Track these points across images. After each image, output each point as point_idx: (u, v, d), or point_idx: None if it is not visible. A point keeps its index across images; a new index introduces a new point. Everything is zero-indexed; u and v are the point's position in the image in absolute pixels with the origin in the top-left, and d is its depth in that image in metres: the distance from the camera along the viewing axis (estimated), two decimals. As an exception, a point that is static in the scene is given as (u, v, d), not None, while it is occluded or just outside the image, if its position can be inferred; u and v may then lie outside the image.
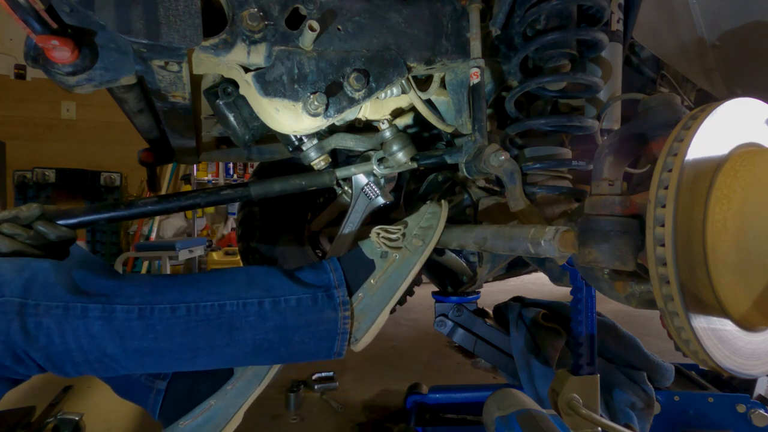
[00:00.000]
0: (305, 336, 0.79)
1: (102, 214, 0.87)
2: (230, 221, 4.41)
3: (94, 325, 0.68)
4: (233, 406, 0.88)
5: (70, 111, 3.88)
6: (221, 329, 0.75)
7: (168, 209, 0.93)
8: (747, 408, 1.09)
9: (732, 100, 0.53)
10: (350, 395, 1.54)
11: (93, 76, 0.72)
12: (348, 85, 0.80)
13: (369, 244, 0.89)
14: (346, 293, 0.82)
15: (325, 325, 0.80)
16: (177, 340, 0.73)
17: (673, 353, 1.63)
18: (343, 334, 0.81)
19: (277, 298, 0.78)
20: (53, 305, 0.67)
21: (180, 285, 0.76)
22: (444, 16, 0.85)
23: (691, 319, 0.48)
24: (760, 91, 1.07)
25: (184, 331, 0.73)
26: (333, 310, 0.80)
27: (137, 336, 0.70)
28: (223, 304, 0.75)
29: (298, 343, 0.79)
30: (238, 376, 0.90)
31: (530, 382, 1.11)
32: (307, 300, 0.79)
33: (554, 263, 0.90)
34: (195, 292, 0.76)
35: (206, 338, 0.74)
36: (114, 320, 0.69)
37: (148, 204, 0.91)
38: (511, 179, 0.82)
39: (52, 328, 0.66)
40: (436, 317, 1.23)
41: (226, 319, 0.75)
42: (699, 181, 0.51)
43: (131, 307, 0.71)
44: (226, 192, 0.96)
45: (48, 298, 0.67)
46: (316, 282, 0.83)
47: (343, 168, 1.02)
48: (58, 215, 0.81)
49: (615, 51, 0.93)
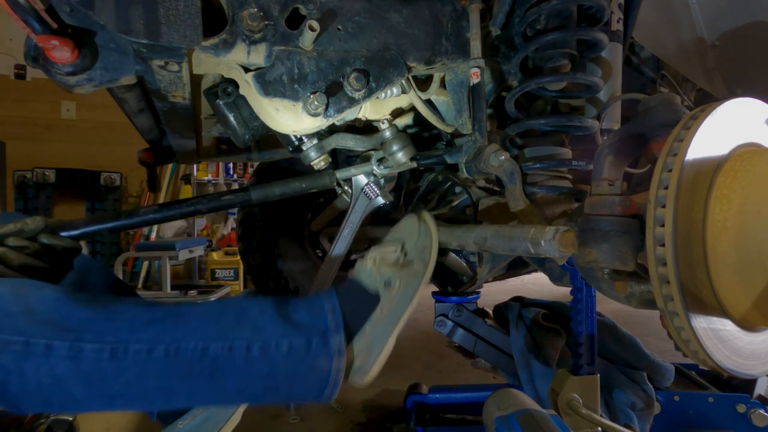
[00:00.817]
0: (294, 384, 0.72)
1: (104, 224, 0.87)
2: (230, 221, 4.41)
3: (58, 365, 0.60)
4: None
5: (70, 111, 3.88)
6: (203, 374, 0.67)
7: (169, 217, 0.94)
8: (747, 408, 1.09)
9: (732, 100, 0.53)
10: (350, 395, 1.54)
11: (93, 76, 0.72)
12: (348, 85, 0.80)
13: (367, 274, 0.82)
14: (343, 340, 0.74)
15: (316, 374, 0.72)
16: (152, 383, 0.65)
17: (673, 353, 1.63)
18: (336, 382, 0.73)
19: (267, 343, 0.70)
20: (12, 340, 0.59)
21: (161, 321, 0.68)
22: (444, 16, 0.85)
23: (691, 319, 0.48)
24: (760, 91, 1.07)
25: (160, 374, 0.65)
26: (327, 359, 0.72)
27: (107, 379, 0.63)
28: (207, 347, 0.67)
29: (285, 391, 0.72)
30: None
31: (530, 382, 1.11)
32: (299, 346, 0.71)
33: (554, 263, 0.90)
34: (177, 330, 0.67)
35: (185, 382, 0.66)
36: (82, 361, 0.61)
37: (150, 212, 0.92)
38: (511, 179, 0.82)
39: (10, 366, 0.58)
40: (436, 317, 1.23)
41: (209, 363, 0.67)
42: (699, 181, 0.51)
43: (103, 346, 0.62)
44: (227, 197, 0.97)
45: (6, 330, 0.59)
46: (311, 323, 0.74)
47: (343, 169, 1.02)
48: (61, 227, 0.80)
49: (615, 51, 0.93)
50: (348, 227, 1.08)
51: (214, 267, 3.43)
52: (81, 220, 0.85)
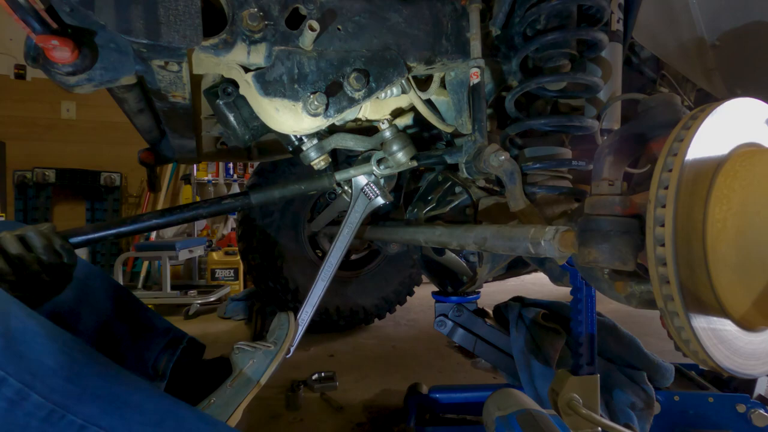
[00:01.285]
0: None
1: (109, 230, 0.89)
2: (230, 221, 4.41)
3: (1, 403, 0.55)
4: (232, 404, 0.88)
5: (70, 111, 3.87)
6: None
7: (172, 222, 0.96)
8: (747, 408, 1.09)
9: (732, 100, 0.53)
10: (350, 395, 1.54)
11: (93, 76, 0.72)
12: (348, 85, 0.80)
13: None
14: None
15: None
16: None
17: (673, 353, 1.63)
18: None
19: None
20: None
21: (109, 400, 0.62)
22: (444, 16, 0.85)
23: (691, 319, 0.48)
24: (760, 91, 1.07)
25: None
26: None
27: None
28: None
29: None
30: (236, 373, 0.91)
31: (530, 382, 1.11)
32: None
33: (554, 263, 0.90)
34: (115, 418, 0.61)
35: None
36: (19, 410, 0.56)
37: (153, 218, 0.94)
38: (511, 179, 0.82)
39: None
40: (436, 317, 1.23)
41: None
42: (699, 181, 0.51)
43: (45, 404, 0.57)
44: (228, 201, 0.98)
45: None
46: None
47: (343, 171, 1.02)
48: (68, 235, 0.82)
49: (615, 51, 0.93)
50: (347, 227, 1.08)
51: (214, 267, 3.42)
52: (87, 227, 0.87)
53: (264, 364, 0.95)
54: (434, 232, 0.96)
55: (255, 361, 0.95)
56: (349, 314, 2.17)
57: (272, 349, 0.98)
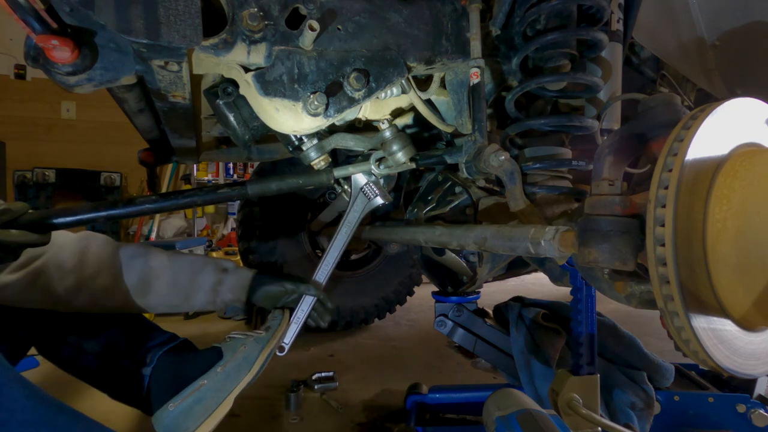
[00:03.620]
0: None
1: (100, 212, 0.88)
2: (230, 221, 4.41)
3: None
4: (224, 389, 0.88)
5: (70, 111, 3.88)
6: None
7: (166, 207, 0.94)
8: (747, 408, 1.09)
9: (732, 100, 0.53)
10: (350, 395, 1.54)
11: (93, 76, 0.72)
12: (348, 84, 0.80)
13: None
14: None
15: None
16: None
17: (673, 353, 1.63)
18: None
19: None
20: None
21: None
22: (444, 16, 0.85)
23: (691, 319, 0.48)
24: (760, 91, 1.07)
25: None
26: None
27: None
28: None
29: None
30: (228, 358, 0.91)
31: (530, 382, 1.11)
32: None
33: (554, 263, 0.90)
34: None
35: None
36: None
37: (146, 202, 0.91)
38: (511, 179, 0.82)
39: None
40: (436, 317, 1.23)
41: None
42: (699, 181, 0.51)
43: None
44: (224, 190, 0.96)
45: None
46: None
47: (341, 167, 1.02)
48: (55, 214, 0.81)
49: (615, 51, 0.93)
50: (346, 226, 1.08)
51: (213, 267, 3.43)
52: (78, 206, 0.85)
53: (256, 350, 0.94)
54: (434, 232, 0.96)
55: (246, 347, 0.94)
56: (349, 314, 2.17)
57: (264, 336, 0.97)
